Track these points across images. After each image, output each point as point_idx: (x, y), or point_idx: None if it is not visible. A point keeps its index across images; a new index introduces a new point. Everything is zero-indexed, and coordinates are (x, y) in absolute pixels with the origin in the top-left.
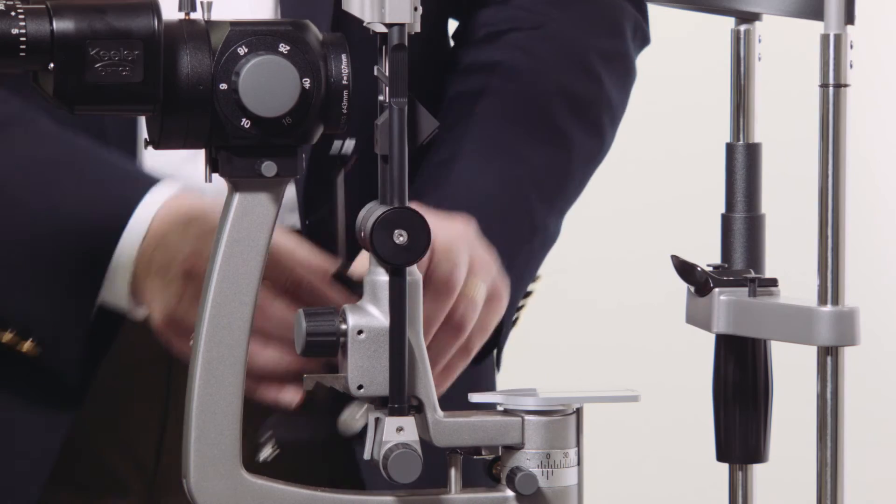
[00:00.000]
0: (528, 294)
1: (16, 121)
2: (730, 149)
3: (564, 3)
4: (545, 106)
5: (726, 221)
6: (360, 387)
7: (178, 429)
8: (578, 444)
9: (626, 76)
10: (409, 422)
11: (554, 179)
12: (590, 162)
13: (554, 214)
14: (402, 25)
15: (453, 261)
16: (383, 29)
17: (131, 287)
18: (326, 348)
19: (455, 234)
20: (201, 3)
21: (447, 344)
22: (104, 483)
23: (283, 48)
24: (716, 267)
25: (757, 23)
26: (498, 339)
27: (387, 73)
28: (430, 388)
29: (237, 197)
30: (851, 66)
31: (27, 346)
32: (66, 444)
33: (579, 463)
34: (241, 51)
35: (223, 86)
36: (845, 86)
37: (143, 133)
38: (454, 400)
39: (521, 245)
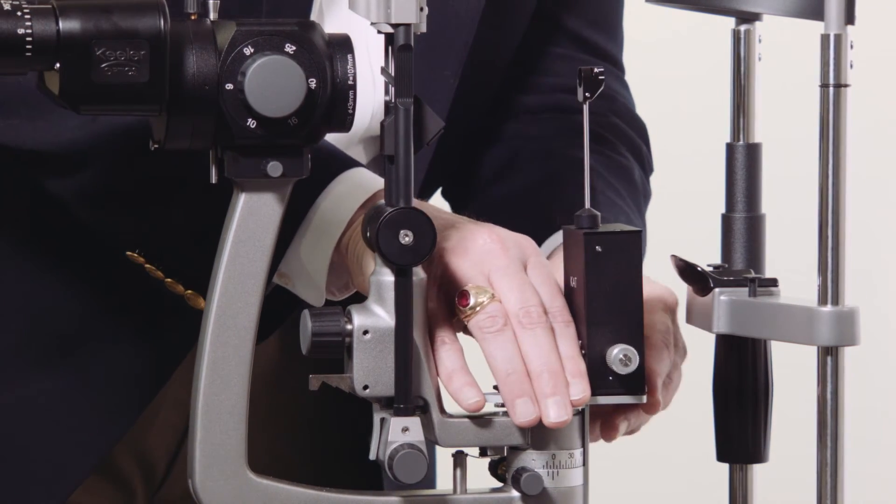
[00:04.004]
0: None
1: None
2: (730, 149)
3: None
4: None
5: (726, 221)
6: (365, 387)
7: None
8: (584, 444)
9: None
10: (414, 422)
11: None
12: None
13: None
14: (407, 26)
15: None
16: (389, 29)
17: (335, 254)
18: (332, 348)
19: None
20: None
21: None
22: (109, 482)
23: (289, 48)
24: (716, 267)
25: (757, 23)
26: None
27: (392, 74)
28: (435, 389)
29: (243, 197)
30: (851, 66)
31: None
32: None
33: (584, 463)
34: (247, 51)
35: (229, 86)
36: (845, 86)
37: None
38: None
39: None
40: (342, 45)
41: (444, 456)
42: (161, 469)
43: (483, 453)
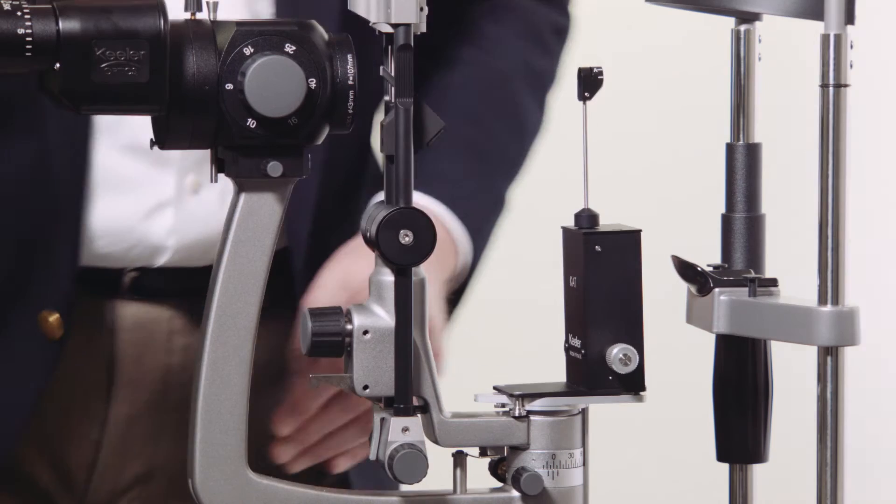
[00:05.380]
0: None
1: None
2: (730, 149)
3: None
4: (508, 79)
5: (726, 221)
6: (365, 387)
7: (112, 449)
8: (584, 444)
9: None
10: (414, 422)
11: (513, 153)
12: (536, 133)
13: (508, 185)
14: (407, 26)
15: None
16: (389, 29)
17: None
18: (332, 348)
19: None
20: (207, 2)
21: None
22: (33, 497)
23: (289, 48)
24: (716, 267)
25: (757, 23)
26: None
27: (392, 74)
28: (435, 389)
29: (243, 197)
30: (851, 66)
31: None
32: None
33: (584, 463)
34: (247, 51)
35: (229, 86)
36: (845, 86)
37: None
38: None
39: (487, 219)
40: (342, 44)
41: (444, 455)
42: (81, 478)
43: (483, 453)
